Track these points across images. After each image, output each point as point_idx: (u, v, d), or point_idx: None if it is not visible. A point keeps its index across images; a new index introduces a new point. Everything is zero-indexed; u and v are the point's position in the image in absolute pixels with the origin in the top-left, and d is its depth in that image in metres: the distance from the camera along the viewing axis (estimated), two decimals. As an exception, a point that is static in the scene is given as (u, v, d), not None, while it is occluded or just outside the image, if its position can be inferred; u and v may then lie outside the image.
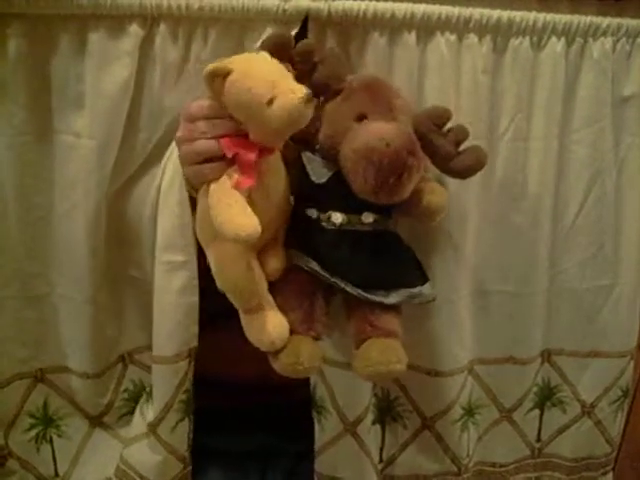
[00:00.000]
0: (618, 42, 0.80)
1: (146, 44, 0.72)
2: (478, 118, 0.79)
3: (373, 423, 0.92)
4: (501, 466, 1.02)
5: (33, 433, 0.89)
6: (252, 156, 0.63)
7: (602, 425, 1.01)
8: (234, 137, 0.64)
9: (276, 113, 0.61)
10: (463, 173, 0.70)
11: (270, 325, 0.70)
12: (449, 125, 0.69)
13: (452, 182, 0.79)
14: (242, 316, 0.71)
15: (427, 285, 0.75)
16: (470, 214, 0.83)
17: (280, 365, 0.71)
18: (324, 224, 0.70)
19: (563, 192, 0.86)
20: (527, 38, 0.77)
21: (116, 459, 0.88)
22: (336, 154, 0.68)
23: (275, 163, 0.68)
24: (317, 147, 0.71)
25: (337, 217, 0.69)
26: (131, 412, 0.91)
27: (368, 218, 0.70)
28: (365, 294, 0.71)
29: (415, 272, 0.75)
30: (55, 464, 0.91)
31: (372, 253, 0.71)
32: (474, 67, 0.77)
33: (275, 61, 0.64)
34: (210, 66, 0.61)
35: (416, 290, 0.73)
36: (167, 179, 0.75)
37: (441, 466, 0.95)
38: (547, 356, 0.96)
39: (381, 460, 0.95)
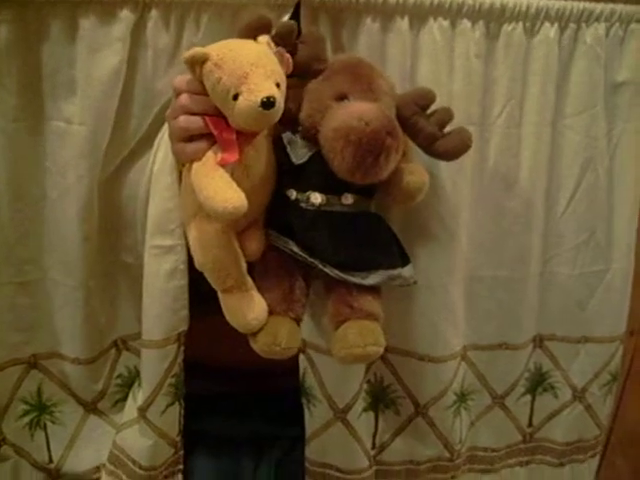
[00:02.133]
0: (611, 28, 0.80)
1: (138, 29, 0.72)
2: (471, 104, 0.79)
3: (366, 410, 0.92)
4: (493, 451, 1.02)
5: (27, 419, 0.89)
6: (232, 135, 0.63)
7: (592, 409, 1.02)
8: (216, 116, 0.64)
9: (238, 111, 0.61)
10: (447, 155, 0.70)
11: (247, 305, 0.70)
12: (433, 107, 0.69)
13: (445, 169, 0.79)
14: (220, 296, 0.71)
15: (408, 267, 0.74)
16: (463, 200, 0.83)
17: (258, 345, 0.71)
18: (303, 205, 0.69)
19: (556, 178, 0.87)
20: (520, 24, 0.77)
21: (110, 446, 0.89)
22: (316, 134, 0.67)
23: (257, 145, 0.67)
24: (298, 128, 0.71)
25: (316, 198, 0.69)
26: (125, 398, 0.91)
27: (348, 199, 0.69)
28: (343, 275, 0.70)
29: (395, 254, 0.74)
30: (49, 450, 0.91)
31: (351, 234, 0.70)
32: (467, 53, 0.77)
33: (261, 47, 0.63)
34: (187, 53, 0.61)
35: (395, 272, 0.72)
36: (158, 164, 0.75)
37: (434, 452, 0.96)
38: (539, 341, 0.97)
39: (374, 446, 0.95)
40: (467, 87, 0.78)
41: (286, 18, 0.71)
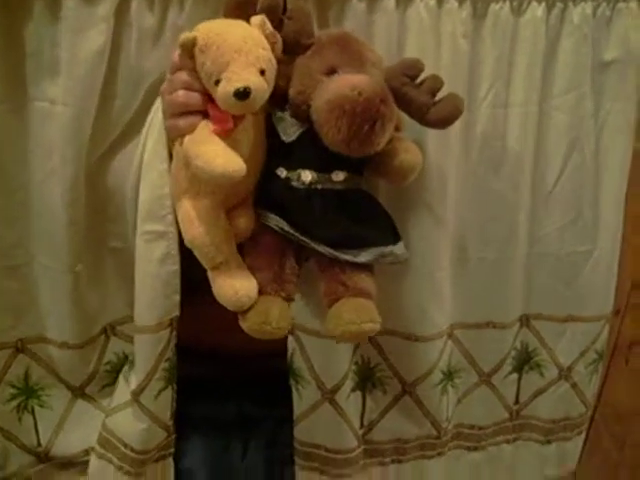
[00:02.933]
0: (599, 7, 0.80)
1: (122, 9, 0.71)
2: (457, 84, 0.78)
3: (353, 390, 0.92)
4: (480, 428, 1.03)
5: (14, 403, 0.89)
6: (225, 112, 0.63)
7: (578, 387, 1.03)
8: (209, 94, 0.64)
9: (218, 96, 0.61)
10: (441, 122, 0.69)
11: (237, 283, 0.69)
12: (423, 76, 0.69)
13: (431, 150, 0.79)
14: (210, 275, 0.71)
15: (399, 245, 0.74)
16: (449, 180, 0.83)
17: (248, 325, 0.70)
18: (293, 183, 0.69)
19: (542, 158, 0.87)
20: (507, 3, 0.77)
21: (98, 429, 0.89)
22: (307, 110, 0.67)
23: (245, 121, 0.67)
24: (287, 106, 0.70)
25: (306, 175, 0.68)
26: (113, 383, 0.91)
27: (338, 176, 0.69)
28: (335, 252, 0.70)
29: (387, 231, 0.74)
30: (37, 434, 0.91)
31: (342, 212, 0.70)
32: (454, 33, 0.76)
33: (247, 31, 0.63)
34: (181, 37, 0.61)
35: (387, 249, 0.72)
36: (149, 148, 0.74)
37: (421, 430, 0.97)
38: (525, 321, 0.98)
39: (362, 426, 0.96)
40: (454, 67, 0.77)
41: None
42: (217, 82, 0.61)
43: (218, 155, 0.61)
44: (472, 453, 1.05)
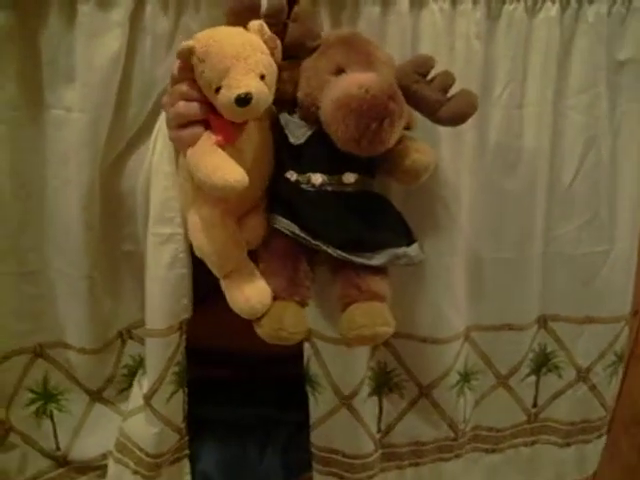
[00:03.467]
0: (613, 6, 0.80)
1: (136, 15, 0.71)
2: (471, 85, 0.77)
3: (370, 395, 0.92)
4: (497, 431, 1.03)
5: (33, 408, 0.90)
6: (227, 121, 0.64)
7: (597, 389, 1.02)
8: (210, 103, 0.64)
9: (219, 104, 0.62)
10: (455, 120, 0.67)
11: (249, 290, 0.69)
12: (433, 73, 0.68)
13: (446, 150, 0.79)
14: (222, 284, 0.71)
15: (414, 246, 0.72)
16: (464, 181, 0.82)
17: (263, 331, 0.70)
18: (304, 186, 0.69)
19: (558, 158, 0.86)
20: (521, 3, 0.77)
21: (116, 433, 0.89)
22: (316, 111, 0.67)
23: (248, 129, 0.67)
24: (296, 109, 0.70)
25: (317, 178, 0.68)
26: (130, 386, 0.91)
27: (349, 178, 0.68)
28: (348, 256, 0.69)
29: (400, 232, 0.73)
30: (56, 438, 0.92)
31: (354, 214, 0.69)
32: (467, 34, 0.76)
33: (246, 37, 0.63)
34: (179, 47, 0.62)
35: (400, 251, 0.71)
36: (157, 153, 0.75)
37: (439, 432, 0.96)
38: (543, 322, 0.97)
39: (379, 430, 0.96)
40: (467, 68, 0.77)
41: (284, 1, 0.71)
42: (218, 90, 0.61)
43: (219, 167, 0.61)
44: (490, 455, 1.04)
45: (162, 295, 0.78)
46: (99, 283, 0.84)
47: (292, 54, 0.68)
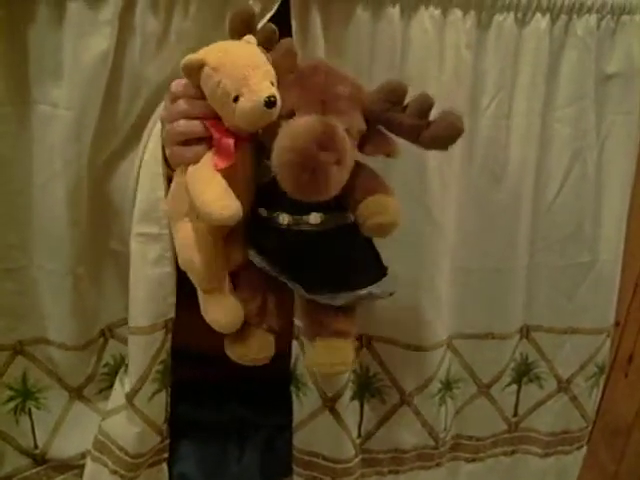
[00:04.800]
0: (603, 19, 0.80)
1: (126, 14, 0.71)
2: (460, 95, 0.78)
3: (352, 399, 0.92)
4: (478, 440, 1.03)
5: (12, 405, 0.89)
6: (231, 140, 0.64)
7: (577, 400, 1.03)
8: (214, 120, 0.64)
9: (240, 111, 0.61)
10: (437, 143, 0.64)
11: (224, 310, 0.71)
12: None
13: (433, 160, 0.79)
14: (199, 294, 0.72)
15: (382, 281, 0.70)
16: (451, 191, 0.83)
17: (231, 352, 0.73)
18: (273, 224, 0.67)
19: (544, 170, 0.87)
20: (511, 14, 0.77)
21: (95, 432, 0.88)
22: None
23: (244, 149, 0.67)
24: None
25: (284, 218, 0.66)
26: (111, 386, 0.90)
27: (315, 219, 0.66)
28: (312, 295, 0.69)
29: (368, 270, 0.71)
30: (34, 436, 0.91)
31: (320, 254, 0.68)
32: (457, 43, 0.76)
33: (253, 48, 0.63)
34: (185, 60, 0.61)
35: (364, 292, 0.69)
36: (148, 153, 0.75)
37: (419, 440, 0.96)
38: (525, 332, 0.97)
39: (359, 435, 0.96)
40: (456, 78, 0.78)
41: (275, 7, 0.71)
42: (236, 98, 0.61)
43: (217, 199, 0.61)
44: (470, 464, 1.05)
45: (147, 293, 0.78)
46: (84, 279, 0.83)
47: None
